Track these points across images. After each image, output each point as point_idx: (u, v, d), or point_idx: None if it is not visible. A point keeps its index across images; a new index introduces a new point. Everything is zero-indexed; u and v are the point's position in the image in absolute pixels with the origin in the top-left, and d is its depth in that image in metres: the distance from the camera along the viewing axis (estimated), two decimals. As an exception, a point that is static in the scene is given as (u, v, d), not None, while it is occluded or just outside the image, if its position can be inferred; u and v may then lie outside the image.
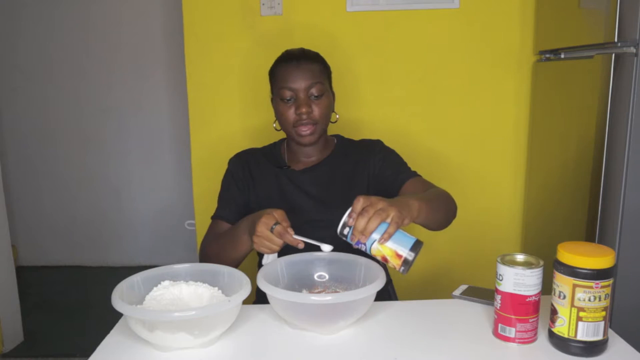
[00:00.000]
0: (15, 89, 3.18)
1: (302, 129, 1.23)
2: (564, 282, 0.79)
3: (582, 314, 0.79)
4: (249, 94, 1.84)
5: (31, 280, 3.05)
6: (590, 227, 1.35)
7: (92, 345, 0.88)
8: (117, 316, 0.92)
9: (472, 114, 1.86)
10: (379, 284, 0.89)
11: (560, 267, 0.80)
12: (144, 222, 3.30)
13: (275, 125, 1.31)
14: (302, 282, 1.02)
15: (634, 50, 1.19)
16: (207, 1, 1.79)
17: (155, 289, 0.94)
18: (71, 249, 3.31)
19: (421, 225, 1.07)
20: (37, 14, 3.08)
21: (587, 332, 0.79)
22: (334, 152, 1.33)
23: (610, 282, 0.78)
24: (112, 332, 0.93)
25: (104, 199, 3.28)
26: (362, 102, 1.84)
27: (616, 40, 1.22)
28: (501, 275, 0.84)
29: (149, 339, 0.83)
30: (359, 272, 1.00)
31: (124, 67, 3.12)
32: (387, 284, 1.31)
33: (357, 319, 0.91)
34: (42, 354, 2.26)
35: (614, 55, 1.25)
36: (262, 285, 0.89)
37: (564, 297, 0.80)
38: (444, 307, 1.02)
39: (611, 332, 0.86)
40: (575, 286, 0.78)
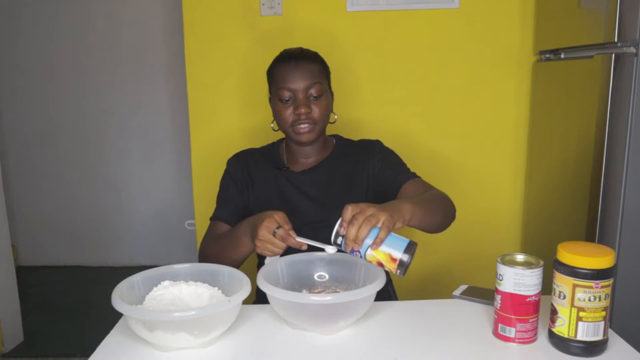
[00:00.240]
0: (15, 89, 3.18)
1: (300, 127, 1.22)
2: (564, 282, 0.79)
3: (582, 314, 0.79)
4: (249, 93, 1.84)
5: (31, 280, 3.05)
6: (590, 227, 1.35)
7: (92, 345, 0.89)
8: (117, 316, 0.92)
9: (472, 114, 1.86)
10: (379, 284, 0.89)
11: (560, 267, 0.80)
12: (144, 222, 3.30)
13: (273, 125, 1.30)
14: (302, 282, 1.02)
15: (634, 50, 1.19)
16: (207, 1, 1.79)
17: (155, 289, 0.94)
18: (71, 249, 3.31)
19: (417, 228, 1.06)
20: (37, 14, 3.08)
21: (587, 332, 0.79)
22: (333, 153, 1.32)
23: (610, 282, 0.78)
24: (112, 332, 0.93)
25: (104, 199, 3.28)
26: (362, 102, 1.84)
27: (616, 40, 1.22)
28: (501, 275, 0.84)
29: (149, 339, 0.83)
30: (359, 272, 1.00)
31: (124, 67, 3.12)
32: (387, 284, 1.31)
33: (357, 319, 0.91)
34: (42, 354, 2.26)
35: (614, 55, 1.25)
36: (262, 285, 0.89)
37: (564, 297, 0.80)
38: (444, 307, 1.02)
39: (611, 332, 0.86)
40: (575, 286, 0.78)
